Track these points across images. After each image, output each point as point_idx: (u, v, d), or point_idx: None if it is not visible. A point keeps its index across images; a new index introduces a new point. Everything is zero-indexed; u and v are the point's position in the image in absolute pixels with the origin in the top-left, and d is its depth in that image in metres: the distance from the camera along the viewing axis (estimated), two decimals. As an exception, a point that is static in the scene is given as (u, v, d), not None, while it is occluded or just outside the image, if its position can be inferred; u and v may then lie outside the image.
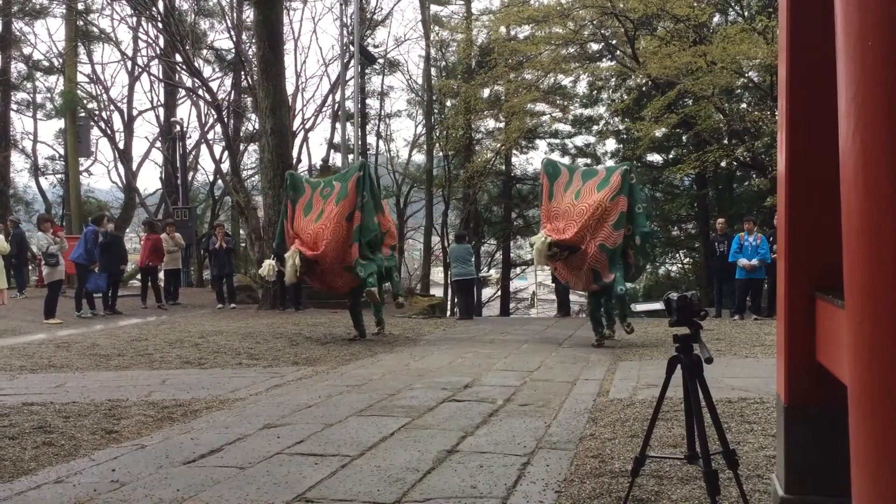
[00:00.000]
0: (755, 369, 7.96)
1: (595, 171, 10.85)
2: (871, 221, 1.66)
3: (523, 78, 26.52)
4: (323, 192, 11.24)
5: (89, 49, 29.77)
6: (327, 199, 11.12)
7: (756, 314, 13.96)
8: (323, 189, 11.30)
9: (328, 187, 11.27)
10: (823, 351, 2.91)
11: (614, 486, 4.15)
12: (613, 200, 10.10)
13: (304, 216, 11.19)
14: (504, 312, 31.64)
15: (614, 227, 10.08)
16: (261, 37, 17.46)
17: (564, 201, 10.43)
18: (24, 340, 11.34)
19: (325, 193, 11.22)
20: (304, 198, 11.31)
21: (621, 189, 10.15)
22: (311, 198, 11.29)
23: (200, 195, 35.81)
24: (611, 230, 10.07)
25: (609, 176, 10.38)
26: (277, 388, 7.53)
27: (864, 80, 1.65)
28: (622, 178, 10.21)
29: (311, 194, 11.32)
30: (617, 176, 10.26)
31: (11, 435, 5.53)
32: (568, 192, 10.50)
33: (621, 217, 10.12)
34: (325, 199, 11.15)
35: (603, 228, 10.05)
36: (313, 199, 11.27)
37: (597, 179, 10.44)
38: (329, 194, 11.15)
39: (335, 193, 11.08)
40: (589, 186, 10.36)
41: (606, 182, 10.27)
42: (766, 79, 20.77)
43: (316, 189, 11.37)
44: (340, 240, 10.81)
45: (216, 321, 14.17)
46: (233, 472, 4.56)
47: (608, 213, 10.07)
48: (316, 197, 11.27)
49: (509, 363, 9.07)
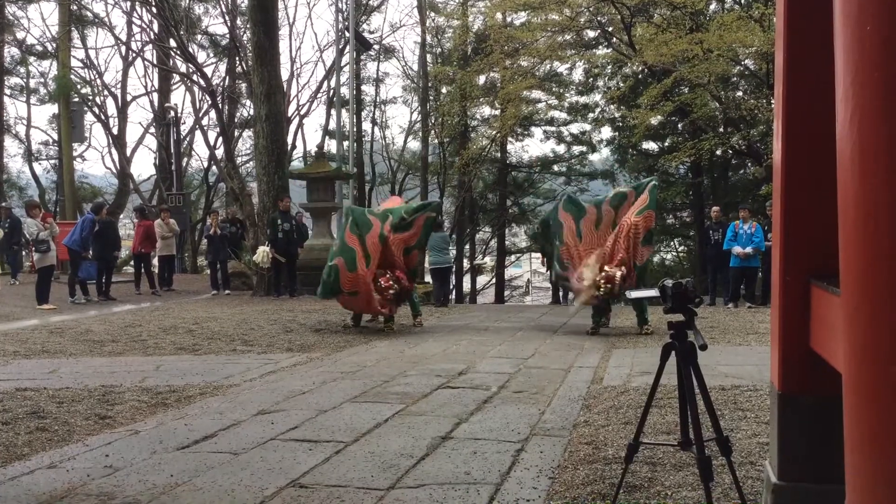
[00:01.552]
0: (749, 357, 7.98)
1: (624, 195, 10.48)
2: (868, 208, 1.65)
3: (519, 65, 26.44)
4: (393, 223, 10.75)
5: (83, 34, 29.65)
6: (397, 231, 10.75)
7: (750, 302, 14.00)
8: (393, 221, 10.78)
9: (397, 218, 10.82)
10: (818, 338, 2.91)
11: (608, 473, 4.16)
12: (641, 214, 9.96)
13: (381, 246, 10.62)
14: (499, 300, 31.69)
15: (644, 244, 9.99)
16: (255, 22, 17.38)
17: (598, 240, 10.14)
18: (17, 326, 11.32)
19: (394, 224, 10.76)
20: (373, 231, 10.58)
21: (649, 204, 10.00)
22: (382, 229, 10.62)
23: (195, 181, 35.73)
24: (642, 248, 9.98)
25: (639, 194, 10.21)
26: (271, 374, 7.53)
27: (861, 65, 1.64)
28: (650, 194, 10.08)
29: (381, 226, 10.67)
30: (646, 192, 10.11)
31: (5, 420, 5.52)
32: (601, 227, 10.20)
33: (649, 234, 10.06)
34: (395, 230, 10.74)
35: (639, 249, 9.93)
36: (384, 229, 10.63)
37: (629, 202, 10.21)
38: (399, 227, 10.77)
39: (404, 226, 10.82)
40: (623, 211, 10.14)
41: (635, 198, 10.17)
42: (762, 67, 20.75)
43: (385, 221, 10.76)
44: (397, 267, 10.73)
45: (210, 307, 14.16)
46: (226, 458, 4.56)
47: (638, 231, 9.92)
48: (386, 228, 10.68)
49: (504, 350, 9.08)
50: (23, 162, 34.59)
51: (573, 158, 33.98)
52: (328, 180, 17.78)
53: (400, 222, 10.81)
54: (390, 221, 10.77)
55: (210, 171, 32.75)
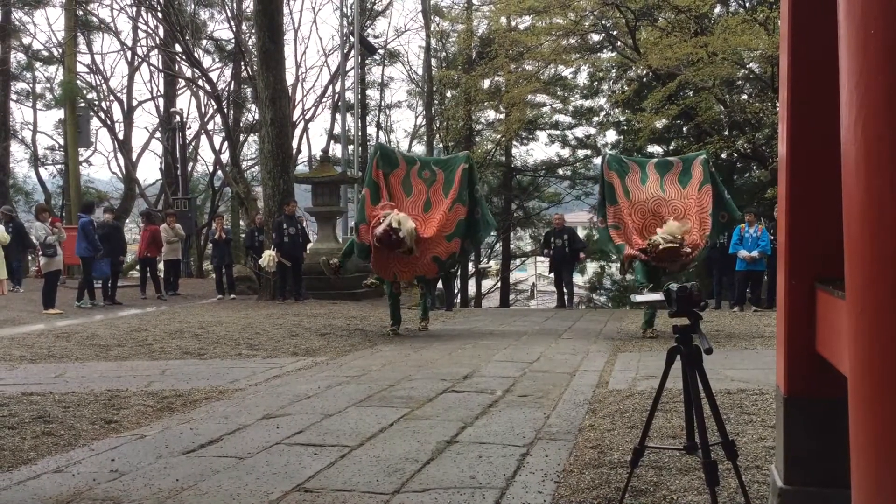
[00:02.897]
0: (755, 361, 7.96)
1: (671, 163, 10.47)
2: (872, 212, 1.65)
3: (524, 69, 26.44)
4: (422, 175, 10.61)
5: (89, 39, 29.72)
6: (431, 186, 10.56)
7: (756, 306, 13.97)
8: (421, 170, 10.65)
9: (427, 170, 10.67)
10: (823, 342, 2.90)
11: (613, 477, 4.15)
12: (701, 190, 9.91)
13: (405, 195, 10.51)
14: (504, 304, 31.65)
15: (711, 217, 9.92)
16: (261, 27, 17.41)
17: (647, 195, 10.01)
18: (23, 331, 11.35)
19: (425, 177, 10.60)
20: (399, 171, 10.55)
21: (705, 178, 9.95)
22: (408, 176, 10.57)
23: (200, 186, 35.78)
24: (709, 220, 9.91)
25: (688, 167, 10.10)
26: (277, 378, 7.53)
27: (866, 69, 1.64)
28: (703, 167, 10.00)
29: (408, 171, 10.62)
30: (698, 166, 10.02)
31: (11, 425, 5.53)
32: (647, 185, 10.06)
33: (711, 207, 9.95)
34: (429, 185, 10.57)
35: (707, 221, 9.87)
36: (411, 178, 10.57)
37: (675, 171, 10.12)
38: (431, 181, 10.57)
39: (440, 183, 10.56)
40: (670, 179, 10.04)
41: (688, 174, 10.01)
42: (767, 70, 20.71)
43: (412, 167, 10.69)
44: (444, 231, 10.48)
45: (216, 312, 14.17)
46: (232, 462, 4.57)
47: (704, 206, 9.88)
48: (414, 178, 10.58)
49: (509, 354, 9.07)
50: (29, 167, 34.73)
51: (578, 162, 33.95)
52: (333, 184, 17.83)
53: (433, 177, 10.57)
54: (417, 170, 10.62)
55: (215, 176, 32.77)
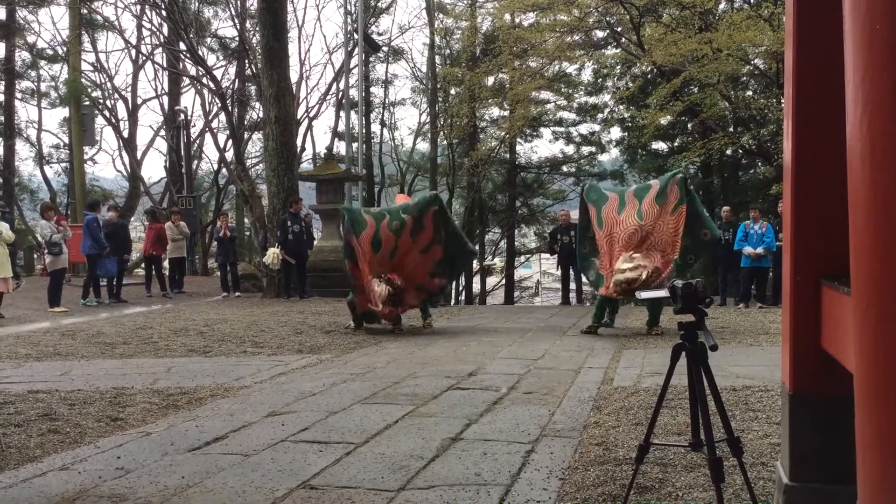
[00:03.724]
0: (760, 357, 7.95)
1: (648, 186, 10.44)
2: (878, 207, 1.65)
3: (528, 66, 26.41)
4: (392, 226, 10.65)
5: (93, 37, 29.78)
6: (401, 234, 10.67)
7: (761, 302, 13.95)
8: (391, 222, 10.69)
9: (396, 220, 10.70)
10: (829, 338, 2.90)
11: (618, 474, 4.15)
12: (675, 213, 9.87)
13: (373, 252, 10.61)
14: (508, 301, 31.66)
15: (683, 239, 9.87)
16: (265, 25, 17.42)
17: (622, 226, 10.03)
18: (29, 329, 11.38)
19: (395, 227, 10.65)
20: (367, 232, 10.60)
21: (680, 199, 9.89)
22: (378, 232, 10.61)
23: (205, 184, 35.84)
24: (676, 243, 9.88)
25: (664, 187, 10.04)
26: (282, 375, 7.54)
27: (871, 65, 1.63)
28: (679, 187, 9.96)
29: (377, 227, 10.64)
30: (673, 186, 9.98)
31: (17, 422, 5.55)
32: (624, 214, 10.08)
33: (685, 228, 9.88)
34: (398, 234, 10.66)
35: (676, 244, 9.85)
36: (380, 233, 10.61)
37: (652, 193, 10.08)
38: (400, 229, 10.66)
39: (408, 229, 10.67)
40: (648, 202, 10.01)
41: (663, 195, 9.97)
42: (771, 66, 20.67)
43: (381, 221, 10.70)
44: (418, 271, 10.81)
45: (221, 309, 14.20)
46: (237, 460, 4.58)
47: (672, 228, 9.86)
48: (384, 232, 10.63)
49: (513, 351, 9.07)
50: (34, 165, 34.82)
51: (582, 159, 33.94)
52: (337, 182, 17.82)
53: (402, 225, 10.70)
54: (387, 222, 10.69)
55: (220, 174, 32.82)
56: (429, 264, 10.99)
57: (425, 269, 11.00)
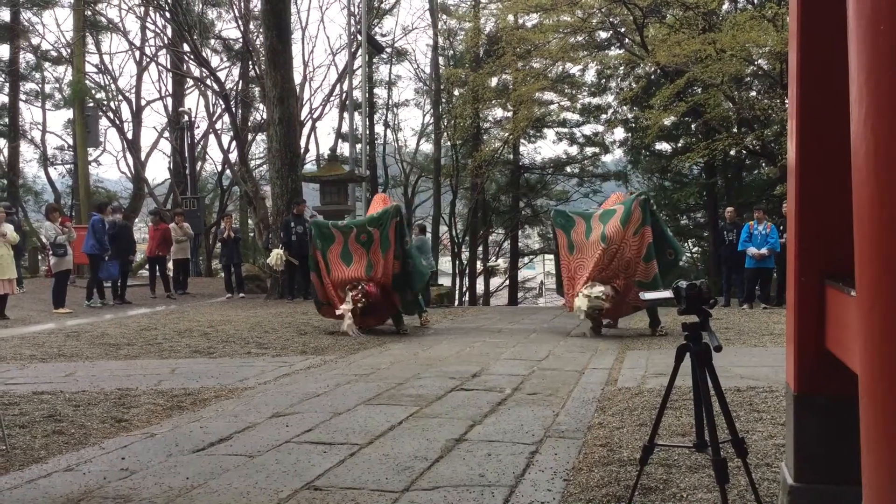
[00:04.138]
0: (764, 358, 7.95)
1: (613, 211, 10.47)
2: (883, 208, 1.65)
3: (531, 66, 26.41)
4: (360, 239, 10.69)
5: (97, 39, 29.79)
6: (370, 248, 10.64)
7: (765, 303, 13.93)
8: (359, 235, 10.72)
9: (364, 233, 10.71)
10: (833, 339, 2.89)
11: (623, 475, 4.15)
12: (638, 234, 9.93)
13: (346, 266, 10.72)
14: (512, 302, 31.65)
15: (645, 261, 9.94)
16: (268, 26, 17.45)
17: (591, 250, 10.15)
18: (34, 330, 11.40)
19: (363, 241, 10.67)
20: (336, 246, 10.75)
21: (644, 220, 9.96)
22: (346, 245, 10.72)
23: (209, 185, 35.87)
24: (644, 265, 9.95)
25: (628, 209, 10.08)
26: (286, 377, 7.55)
27: (876, 66, 1.63)
28: (642, 208, 10.01)
29: (345, 242, 10.75)
30: (636, 208, 10.02)
31: (22, 423, 5.56)
32: (591, 238, 10.19)
33: (650, 249, 9.96)
34: (368, 248, 10.65)
35: (638, 265, 9.94)
36: (349, 246, 10.71)
37: (617, 216, 10.14)
38: (369, 243, 10.64)
39: (377, 243, 10.61)
40: (611, 226, 10.06)
41: (628, 215, 10.01)
42: (775, 66, 20.63)
43: (349, 235, 10.79)
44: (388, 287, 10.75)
45: (225, 310, 14.21)
46: (242, 461, 4.58)
47: (635, 249, 9.93)
48: (353, 245, 10.70)
49: (517, 352, 9.07)
50: (38, 167, 34.86)
51: (586, 160, 33.91)
52: (341, 183, 17.84)
53: (370, 238, 10.67)
54: (354, 236, 10.75)
55: (224, 175, 32.85)
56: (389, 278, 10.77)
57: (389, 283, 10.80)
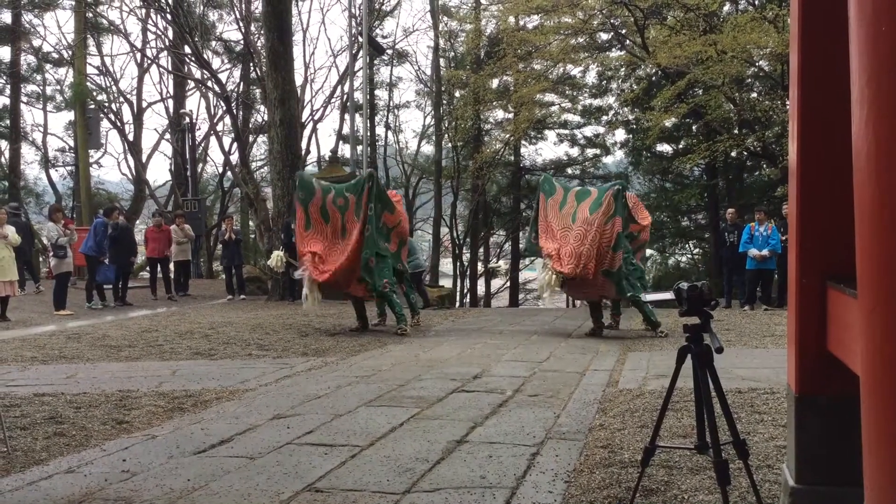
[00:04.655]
0: (765, 359, 7.94)
1: (588, 192, 10.61)
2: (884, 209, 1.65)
3: (532, 68, 26.43)
4: (336, 202, 10.80)
5: (98, 41, 29.80)
6: (345, 212, 10.74)
7: (766, 304, 13.92)
8: (336, 198, 10.83)
9: (341, 197, 10.82)
10: (835, 340, 2.89)
11: (624, 476, 4.15)
12: (609, 223, 9.92)
13: (324, 222, 10.82)
14: (513, 303, 31.63)
15: (614, 250, 9.93)
16: (270, 28, 17.46)
17: (560, 222, 10.30)
18: (35, 332, 11.40)
19: (339, 204, 10.78)
20: (315, 200, 10.82)
21: (615, 211, 9.95)
22: (324, 204, 10.81)
23: (210, 187, 35.88)
24: (612, 254, 9.93)
25: (600, 196, 10.12)
26: (287, 378, 7.55)
27: (877, 67, 1.63)
28: (615, 199, 9.99)
29: (324, 200, 10.83)
30: (609, 197, 10.01)
31: (23, 425, 5.56)
32: (563, 211, 10.34)
33: (619, 239, 9.96)
34: (342, 211, 10.75)
35: (606, 254, 9.93)
36: (326, 205, 10.80)
37: (588, 201, 10.21)
38: (345, 207, 10.75)
39: (352, 208, 10.71)
40: (582, 208, 10.17)
41: (598, 203, 10.02)
42: (776, 68, 20.65)
43: (328, 194, 10.87)
44: (356, 257, 10.68)
45: (226, 312, 14.22)
46: (243, 462, 4.58)
47: (607, 238, 9.92)
48: (329, 205, 10.80)
49: (518, 354, 9.06)
50: (39, 169, 34.83)
51: (587, 161, 33.90)
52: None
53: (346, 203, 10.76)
54: (332, 198, 10.84)
55: (225, 177, 32.85)
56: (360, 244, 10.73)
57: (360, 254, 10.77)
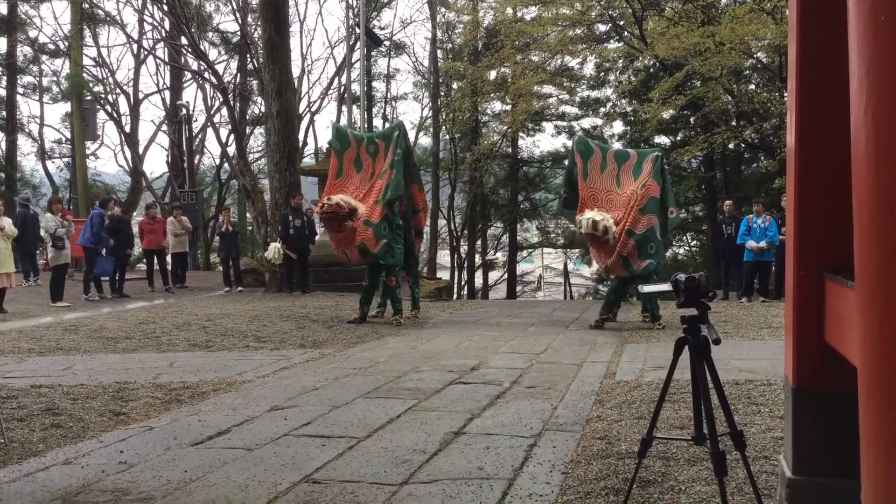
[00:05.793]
0: (763, 351, 7.95)
1: (627, 154, 10.81)
2: (883, 200, 1.64)
3: (530, 60, 26.39)
4: (368, 149, 11.34)
5: (95, 32, 29.76)
6: (375, 157, 11.26)
7: (764, 296, 13.94)
8: (368, 146, 11.38)
9: (372, 144, 11.39)
10: (832, 332, 2.89)
11: (621, 468, 4.15)
12: (644, 186, 10.09)
13: (355, 172, 11.29)
14: (511, 295, 31.66)
15: (641, 212, 9.98)
16: (266, 19, 17.40)
17: (603, 185, 10.42)
18: (32, 323, 11.39)
19: (370, 151, 11.33)
20: (350, 151, 11.35)
21: (654, 174, 10.17)
22: (359, 153, 11.34)
23: (207, 178, 35.84)
24: (638, 215, 9.97)
25: (641, 161, 10.41)
26: (284, 370, 7.55)
27: (876, 56, 1.62)
28: (653, 164, 10.25)
29: (358, 149, 11.37)
30: (649, 163, 10.29)
31: (20, 417, 5.56)
32: (605, 173, 10.48)
33: (650, 202, 10.05)
34: (373, 157, 11.27)
35: (631, 213, 10.00)
36: (360, 154, 11.33)
37: (630, 163, 10.47)
38: (375, 153, 11.28)
39: (381, 153, 11.22)
40: (625, 171, 10.40)
41: (640, 168, 10.32)
42: (774, 59, 20.63)
43: (361, 144, 11.43)
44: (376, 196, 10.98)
45: (223, 304, 14.21)
46: (240, 454, 4.58)
47: (639, 199, 10.04)
48: (363, 153, 11.34)
49: (516, 346, 9.07)
50: (36, 160, 34.84)
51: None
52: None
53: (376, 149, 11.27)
54: (365, 145, 11.36)
55: (222, 168, 32.85)
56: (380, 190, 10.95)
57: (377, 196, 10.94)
